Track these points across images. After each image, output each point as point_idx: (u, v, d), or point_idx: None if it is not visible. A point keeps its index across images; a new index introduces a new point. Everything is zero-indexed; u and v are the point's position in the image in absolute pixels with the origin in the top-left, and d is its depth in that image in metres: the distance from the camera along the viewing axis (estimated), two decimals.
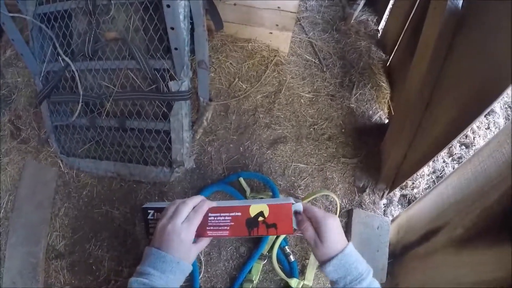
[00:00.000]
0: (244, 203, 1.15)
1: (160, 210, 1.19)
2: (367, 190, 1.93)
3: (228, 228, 1.15)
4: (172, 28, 1.44)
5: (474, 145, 2.52)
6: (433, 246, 1.47)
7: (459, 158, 2.46)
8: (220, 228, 1.16)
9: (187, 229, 1.07)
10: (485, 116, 2.74)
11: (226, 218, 1.14)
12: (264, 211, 1.12)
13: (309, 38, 2.49)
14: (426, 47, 1.61)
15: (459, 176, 1.36)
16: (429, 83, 1.55)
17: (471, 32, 1.36)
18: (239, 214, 1.14)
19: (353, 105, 2.17)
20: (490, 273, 1.08)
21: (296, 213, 1.16)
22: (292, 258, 1.68)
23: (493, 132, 2.56)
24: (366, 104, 2.21)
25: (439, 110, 1.51)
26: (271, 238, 1.67)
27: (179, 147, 1.71)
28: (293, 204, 1.14)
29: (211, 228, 1.16)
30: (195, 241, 1.13)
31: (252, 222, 1.14)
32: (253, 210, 1.13)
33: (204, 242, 1.18)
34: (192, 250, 1.12)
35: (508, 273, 0.99)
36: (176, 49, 1.49)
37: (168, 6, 1.38)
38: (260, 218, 1.13)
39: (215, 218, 1.16)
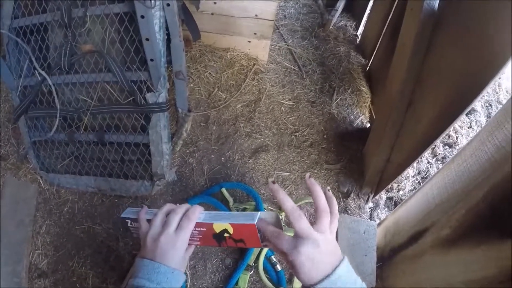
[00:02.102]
0: (229, 216, 1.13)
1: (136, 221, 1.17)
2: (352, 195, 1.93)
3: (198, 239, 1.15)
4: (147, 39, 1.42)
5: (457, 145, 2.52)
6: (421, 247, 1.45)
7: (443, 158, 2.46)
8: (193, 238, 1.14)
9: (182, 237, 1.04)
10: (466, 115, 2.76)
11: (195, 231, 1.13)
12: (228, 229, 1.10)
13: (288, 45, 2.50)
14: (405, 48, 1.61)
15: (443, 177, 1.35)
16: (410, 83, 1.56)
17: (449, 31, 1.37)
18: (205, 229, 1.12)
19: (334, 111, 2.17)
20: (479, 271, 1.07)
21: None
22: (279, 267, 1.66)
23: (476, 131, 2.57)
24: (347, 109, 2.21)
25: (421, 110, 1.51)
26: (256, 248, 1.65)
27: (159, 160, 1.69)
28: (257, 222, 1.11)
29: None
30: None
31: (219, 237, 1.13)
32: (217, 228, 1.11)
33: (191, 248, 1.17)
34: (186, 258, 1.10)
35: (497, 271, 0.99)
36: (152, 60, 1.47)
37: (142, 16, 1.37)
38: (226, 234, 1.12)
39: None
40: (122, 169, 1.78)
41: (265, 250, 1.64)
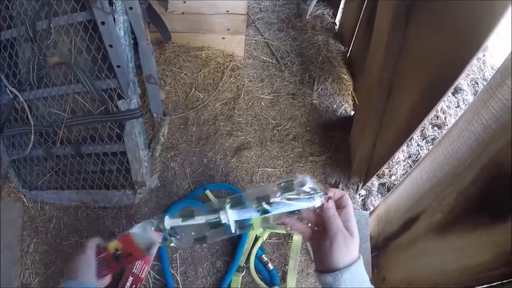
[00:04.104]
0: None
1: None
2: (340, 186, 1.91)
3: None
4: (111, 46, 1.38)
5: (446, 125, 2.51)
6: (414, 234, 1.44)
7: (433, 140, 2.45)
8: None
9: None
10: (453, 95, 2.74)
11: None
12: (118, 245, 1.15)
13: (265, 39, 2.47)
14: (380, 34, 1.58)
15: (432, 160, 1.34)
16: (388, 70, 1.53)
17: (424, 15, 1.34)
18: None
19: (315, 101, 2.14)
20: (475, 257, 1.05)
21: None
22: (270, 266, 1.64)
23: (464, 110, 2.56)
24: (329, 98, 2.18)
25: (400, 97, 1.49)
26: (246, 248, 1.63)
27: (138, 167, 1.66)
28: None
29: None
30: None
31: (116, 257, 1.16)
32: (110, 247, 1.16)
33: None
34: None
35: (492, 257, 0.97)
36: (118, 66, 1.44)
37: (103, 23, 1.33)
38: (118, 252, 1.15)
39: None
40: (103, 180, 1.75)
41: (255, 249, 1.62)
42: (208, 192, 1.78)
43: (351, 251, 0.83)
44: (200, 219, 0.92)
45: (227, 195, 1.79)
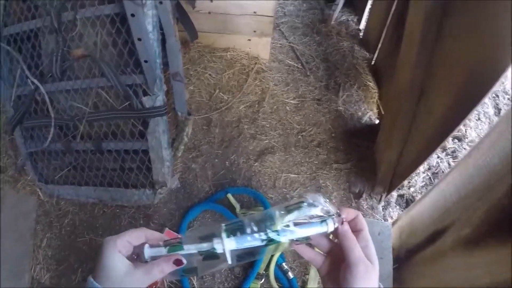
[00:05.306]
0: None
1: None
2: (364, 195, 1.86)
3: None
4: (139, 39, 1.35)
5: (467, 138, 2.46)
6: (440, 248, 1.39)
7: (453, 152, 2.40)
8: None
9: None
10: None
11: None
12: None
13: (289, 43, 2.43)
14: (413, 36, 1.55)
15: (461, 172, 1.29)
16: (420, 73, 1.49)
17: (460, 17, 1.30)
18: None
19: (340, 108, 2.10)
20: (506, 273, 1.00)
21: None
22: (291, 274, 1.59)
23: (484, 123, 2.51)
24: (354, 105, 2.14)
25: (433, 100, 1.45)
26: (267, 255, 1.58)
27: (160, 167, 1.62)
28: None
29: None
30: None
31: None
32: None
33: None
34: None
35: None
36: (146, 61, 1.40)
37: (133, 15, 1.30)
38: None
39: None
40: (122, 178, 1.72)
41: (275, 257, 1.57)
42: (229, 196, 1.74)
43: (372, 282, 0.75)
44: (189, 248, 0.75)
45: (249, 200, 1.76)
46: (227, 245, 0.73)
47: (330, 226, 0.75)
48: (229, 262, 0.73)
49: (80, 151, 1.71)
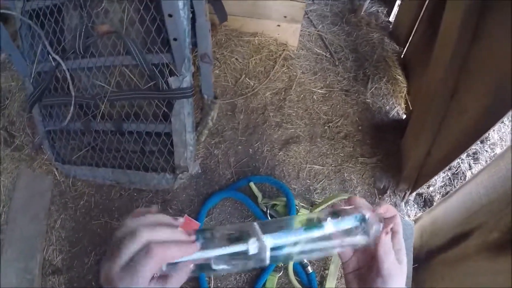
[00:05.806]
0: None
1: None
2: (388, 192, 1.82)
3: None
4: (170, 15, 1.29)
5: (489, 140, 2.40)
6: (464, 251, 1.36)
7: (474, 153, 2.35)
8: None
9: (128, 280, 0.59)
10: None
11: None
12: None
13: (318, 31, 2.38)
14: (449, 32, 1.50)
15: (491, 174, 1.26)
16: (454, 71, 1.45)
17: (500, 14, 1.25)
18: None
19: (369, 100, 2.05)
20: None
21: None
22: (310, 269, 1.56)
23: (507, 126, 2.46)
24: (383, 99, 2.09)
25: (468, 99, 1.39)
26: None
27: (182, 151, 1.58)
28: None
29: None
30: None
31: None
32: None
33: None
34: None
35: None
36: (175, 39, 1.35)
37: None
38: None
39: None
40: (142, 160, 1.69)
41: (295, 250, 1.52)
42: (252, 184, 1.71)
43: (400, 283, 0.73)
44: (218, 264, 0.63)
45: (272, 189, 1.73)
46: (268, 243, 0.64)
47: (371, 239, 0.71)
48: (267, 262, 0.66)
49: (100, 131, 1.68)
